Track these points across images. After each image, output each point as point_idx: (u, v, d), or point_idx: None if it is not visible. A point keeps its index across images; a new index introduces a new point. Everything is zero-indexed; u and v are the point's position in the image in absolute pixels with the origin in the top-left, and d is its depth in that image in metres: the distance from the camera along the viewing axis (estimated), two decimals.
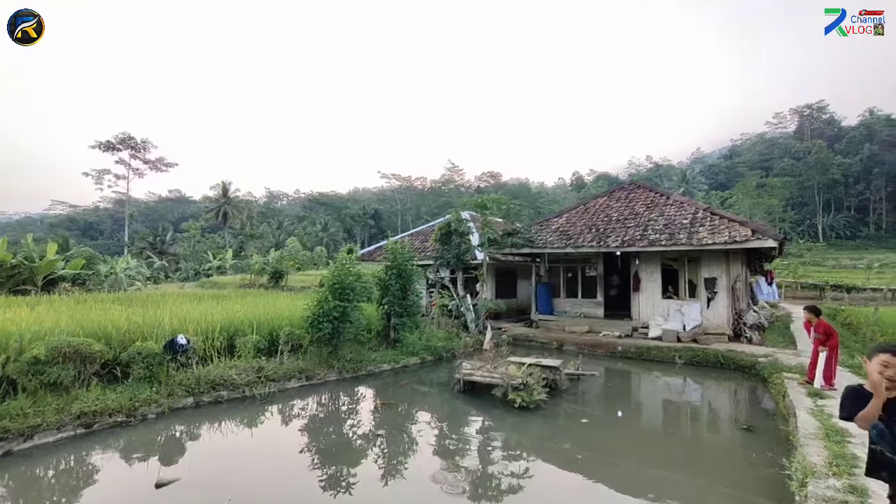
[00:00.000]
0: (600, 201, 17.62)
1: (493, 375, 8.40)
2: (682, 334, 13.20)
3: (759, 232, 12.39)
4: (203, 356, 8.90)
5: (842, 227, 76.46)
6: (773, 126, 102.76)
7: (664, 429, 8.02)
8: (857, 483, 4.15)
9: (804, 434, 5.63)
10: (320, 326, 9.85)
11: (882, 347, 2.75)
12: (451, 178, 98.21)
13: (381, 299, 12.14)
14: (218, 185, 69.77)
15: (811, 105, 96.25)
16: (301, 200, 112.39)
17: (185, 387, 7.80)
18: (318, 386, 9.49)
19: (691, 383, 10.67)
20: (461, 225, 16.72)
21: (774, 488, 4.90)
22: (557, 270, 17.19)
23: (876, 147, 78.04)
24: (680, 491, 5.23)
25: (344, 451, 6.41)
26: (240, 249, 60.01)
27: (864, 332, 13.66)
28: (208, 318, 10.23)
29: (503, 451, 6.45)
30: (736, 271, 13.91)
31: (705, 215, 13.96)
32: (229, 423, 7.37)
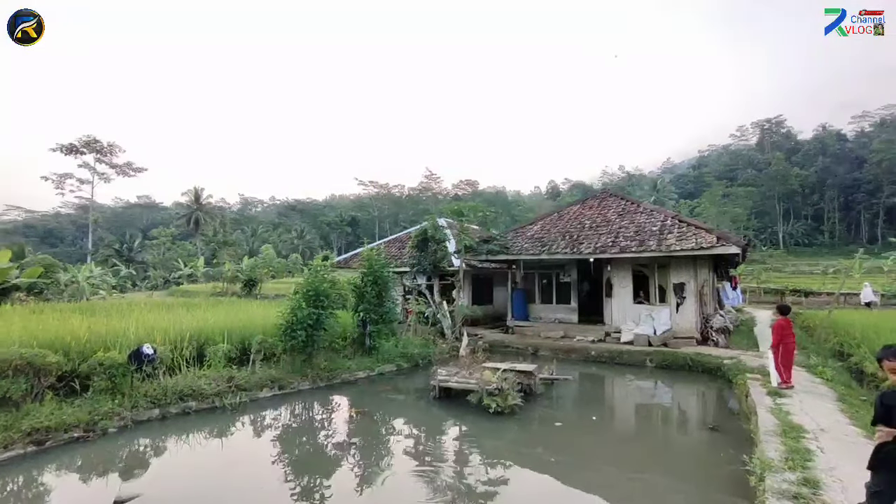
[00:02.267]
0: (574, 209, 18.01)
1: (468, 381, 8.44)
2: (652, 338, 13.56)
3: (724, 239, 12.91)
4: (171, 366, 8.62)
5: (800, 234, 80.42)
6: (737, 138, 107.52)
7: (635, 431, 8.22)
8: (811, 475, 4.37)
9: (764, 431, 5.88)
10: (294, 334, 9.69)
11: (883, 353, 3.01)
12: (428, 186, 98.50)
13: (357, 306, 12.05)
14: (190, 191, 67.89)
15: (770, 119, 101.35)
16: (276, 207, 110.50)
17: (150, 398, 7.52)
18: (291, 395, 9.31)
19: (662, 386, 10.97)
20: (438, 232, 16.80)
21: (736, 484, 5.09)
22: (533, 277, 17.42)
23: (828, 160, 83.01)
24: (648, 491, 5.37)
25: (317, 461, 6.31)
26: (212, 257, 58.43)
27: (819, 334, 14.36)
28: (177, 326, 9.93)
29: (478, 457, 6.48)
30: (703, 277, 14.43)
31: (674, 223, 14.44)
32: (197, 434, 7.15)
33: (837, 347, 12.12)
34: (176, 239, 69.01)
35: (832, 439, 5.53)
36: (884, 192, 74.33)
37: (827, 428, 5.94)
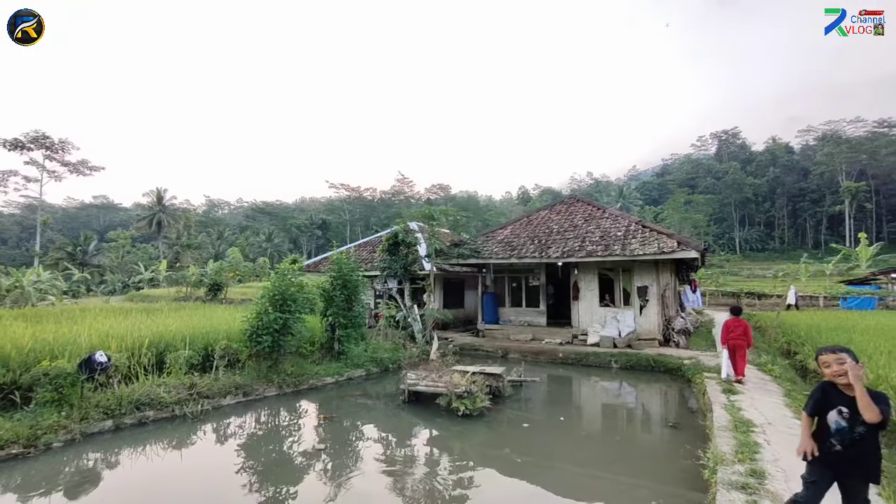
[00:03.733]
0: (542, 214, 18.40)
1: (437, 384, 8.47)
2: (617, 340, 13.99)
3: (684, 243, 13.50)
4: (127, 374, 8.23)
5: (754, 240, 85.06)
6: (698, 148, 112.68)
7: (600, 430, 8.46)
8: (757, 467, 4.65)
9: (718, 427, 6.18)
10: (259, 339, 9.46)
11: (818, 351, 3.28)
12: (401, 190, 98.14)
13: (326, 311, 11.88)
14: (152, 192, 65.11)
15: (727, 131, 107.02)
16: (244, 209, 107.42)
17: (102, 409, 7.15)
18: (256, 402, 9.07)
19: (626, 386, 11.32)
20: (408, 235, 16.79)
21: (691, 478, 5.34)
22: (503, 280, 17.67)
23: (778, 170, 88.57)
24: (611, 489, 5.55)
25: (284, 469, 6.17)
26: (175, 260, 56.10)
27: (770, 334, 15.21)
28: (135, 333, 9.52)
29: (446, 460, 6.51)
30: (665, 280, 15.02)
31: (637, 228, 14.99)
32: (155, 445, 6.85)
33: (785, 346, 12.87)
34: (136, 241, 65.99)
35: (777, 432, 5.88)
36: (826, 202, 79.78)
37: (773, 421, 6.32)
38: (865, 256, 38.05)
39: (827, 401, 3.16)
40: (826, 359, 3.13)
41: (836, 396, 3.12)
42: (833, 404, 3.12)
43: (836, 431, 3.09)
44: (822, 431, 3.18)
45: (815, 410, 3.24)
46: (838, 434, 3.08)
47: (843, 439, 3.05)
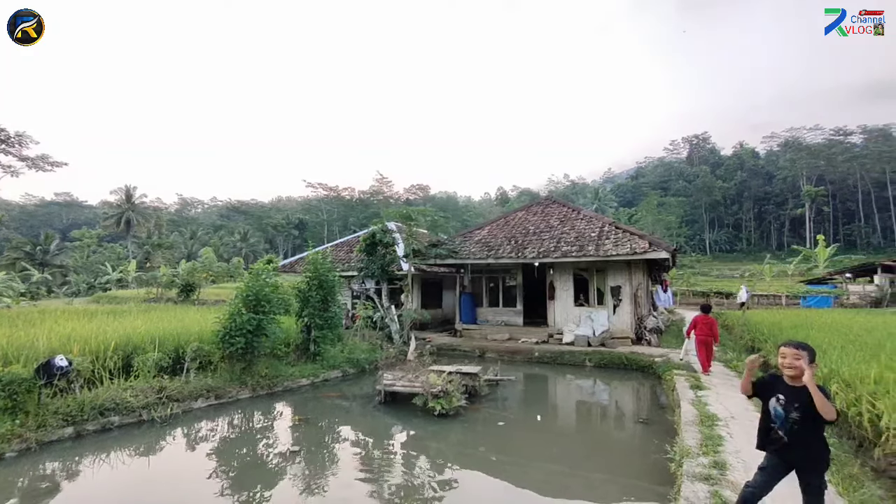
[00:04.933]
0: (519, 215, 18.63)
1: (413, 385, 8.48)
2: (592, 339, 14.29)
3: (655, 244, 13.91)
4: (91, 378, 7.93)
5: (723, 241, 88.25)
6: (670, 151, 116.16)
7: (574, 428, 8.64)
8: (720, 459, 4.85)
9: (685, 422, 6.42)
10: (232, 341, 9.26)
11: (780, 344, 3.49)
12: (379, 189, 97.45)
13: (301, 311, 11.72)
14: (120, 190, 62.75)
15: (697, 135, 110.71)
16: (218, 209, 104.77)
17: (62, 415, 6.83)
18: (228, 405, 8.88)
19: (599, 384, 11.58)
20: (386, 236, 16.72)
21: (660, 471, 5.51)
22: (480, 281, 17.80)
23: (745, 175, 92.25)
24: (581, 484, 5.68)
25: (258, 473, 6.06)
26: (145, 260, 54.21)
27: (735, 332, 15.82)
28: (100, 335, 9.16)
29: (422, 460, 6.52)
30: (638, 280, 15.43)
31: (611, 229, 15.35)
32: (120, 452, 6.62)
33: (750, 343, 13.41)
34: (103, 241, 63.49)
35: (740, 426, 6.14)
36: (789, 205, 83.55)
37: (736, 415, 6.60)
38: (823, 257, 39.96)
39: (772, 388, 3.35)
40: (785, 351, 3.30)
41: (780, 385, 3.32)
42: (775, 392, 3.31)
43: (775, 417, 3.31)
44: (766, 417, 3.39)
45: (757, 390, 3.45)
46: (777, 420, 3.28)
47: (783, 426, 3.25)
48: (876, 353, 7.66)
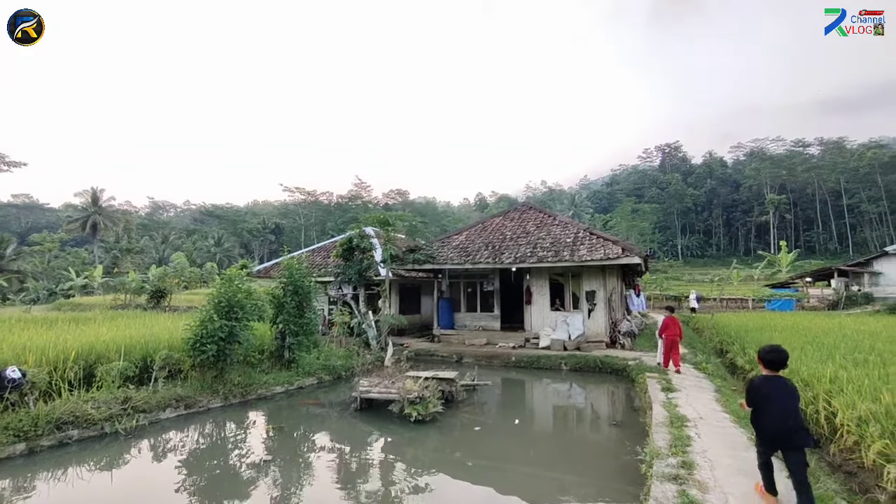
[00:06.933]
0: (496, 220, 18.81)
1: (390, 391, 8.42)
2: (567, 343, 14.50)
3: (628, 250, 14.26)
4: (48, 390, 7.55)
5: (695, 247, 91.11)
6: (644, 159, 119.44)
7: (549, 431, 8.73)
8: (688, 459, 5.00)
9: (656, 423, 6.57)
10: (203, 348, 8.99)
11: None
12: (358, 194, 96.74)
13: (276, 318, 11.49)
14: (86, 192, 60.01)
15: (669, 144, 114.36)
16: (191, 213, 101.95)
17: (13, 431, 6.46)
18: (199, 414, 8.61)
19: (575, 387, 11.75)
20: (363, 241, 16.60)
21: (632, 472, 5.64)
22: (458, 286, 17.85)
23: (714, 182, 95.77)
24: (556, 487, 5.75)
25: (229, 485, 5.89)
26: (113, 266, 52.15)
27: (705, 335, 16.34)
28: (59, 345, 8.75)
29: (399, 466, 6.48)
30: (612, 285, 15.76)
31: (585, 235, 15.66)
32: (78, 468, 6.31)
33: (719, 346, 13.87)
34: (66, 245, 60.79)
35: (707, 426, 6.34)
36: (754, 212, 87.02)
37: (705, 416, 6.81)
38: (786, 262, 41.78)
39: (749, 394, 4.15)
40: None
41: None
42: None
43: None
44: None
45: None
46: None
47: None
48: (832, 353, 8.06)
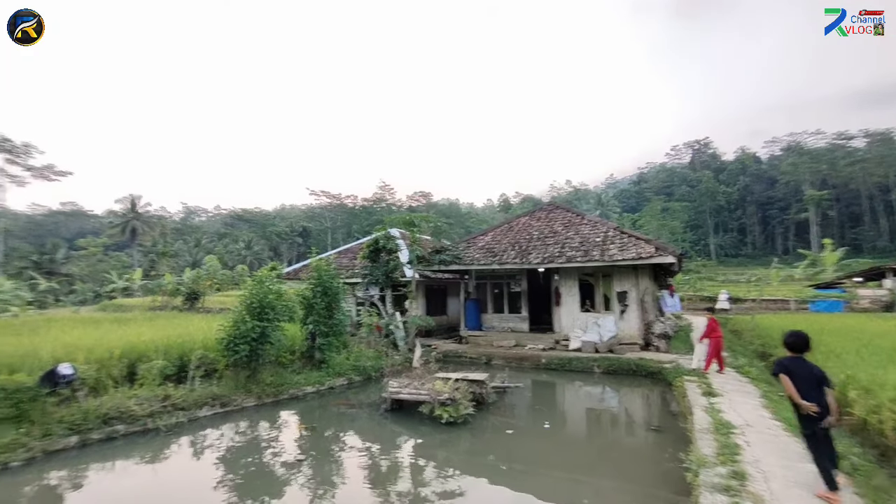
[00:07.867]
0: (523, 220, 18.54)
1: (420, 392, 8.36)
2: (599, 345, 14.12)
3: (661, 249, 13.78)
4: (95, 387, 7.87)
5: (728, 246, 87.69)
6: (672, 157, 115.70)
7: (584, 435, 8.49)
8: (739, 468, 4.71)
9: (699, 429, 6.27)
10: (236, 349, 9.19)
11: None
12: (382, 197, 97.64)
13: (306, 319, 11.65)
14: (125, 199, 63.17)
15: (699, 141, 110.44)
16: (222, 217, 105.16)
17: (67, 424, 6.78)
18: (234, 413, 8.79)
19: (608, 390, 11.41)
20: (389, 242, 16.66)
21: (675, 480, 5.37)
22: (485, 287, 17.67)
23: (748, 179, 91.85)
24: (595, 493, 5.55)
25: (264, 483, 5.96)
26: (151, 269, 54.41)
27: (745, 337, 15.61)
28: (105, 343, 9.14)
29: (431, 469, 6.41)
30: (644, 285, 15.27)
31: (615, 234, 15.23)
32: (125, 461, 6.55)
33: (761, 349, 13.21)
34: (109, 249, 63.77)
35: (757, 433, 5.99)
36: (792, 209, 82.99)
37: (752, 423, 6.44)
38: (831, 262, 39.55)
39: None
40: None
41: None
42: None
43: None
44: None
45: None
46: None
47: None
48: (893, 357, 7.50)
